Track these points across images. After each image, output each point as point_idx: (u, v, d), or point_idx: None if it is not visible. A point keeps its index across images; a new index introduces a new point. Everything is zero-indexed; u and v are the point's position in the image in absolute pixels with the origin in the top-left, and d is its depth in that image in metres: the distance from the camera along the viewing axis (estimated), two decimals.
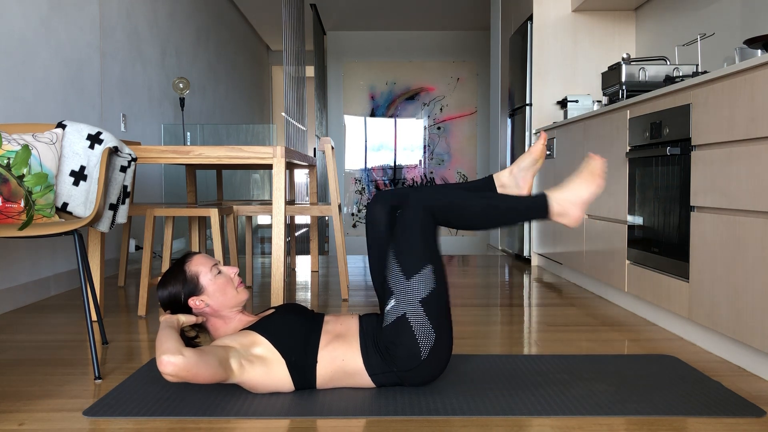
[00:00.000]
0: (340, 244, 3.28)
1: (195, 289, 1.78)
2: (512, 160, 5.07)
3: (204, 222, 3.69)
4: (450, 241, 9.05)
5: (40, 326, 2.63)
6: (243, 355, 1.67)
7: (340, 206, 3.41)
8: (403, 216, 1.75)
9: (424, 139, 9.11)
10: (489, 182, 1.95)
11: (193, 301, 1.77)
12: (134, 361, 2.10)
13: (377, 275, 1.91)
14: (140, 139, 4.59)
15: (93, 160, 2.39)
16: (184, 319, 1.77)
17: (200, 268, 1.80)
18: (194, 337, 1.82)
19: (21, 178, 2.18)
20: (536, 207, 1.75)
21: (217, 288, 1.79)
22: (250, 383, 1.68)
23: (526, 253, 4.66)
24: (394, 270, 1.73)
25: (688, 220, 2.30)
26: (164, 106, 5.08)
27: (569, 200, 1.75)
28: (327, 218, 8.62)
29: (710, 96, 2.14)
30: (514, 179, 1.94)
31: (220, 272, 1.82)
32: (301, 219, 11.70)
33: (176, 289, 1.78)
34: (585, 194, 1.76)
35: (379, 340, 1.73)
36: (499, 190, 1.94)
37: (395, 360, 1.70)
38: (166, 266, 2.96)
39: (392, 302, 1.72)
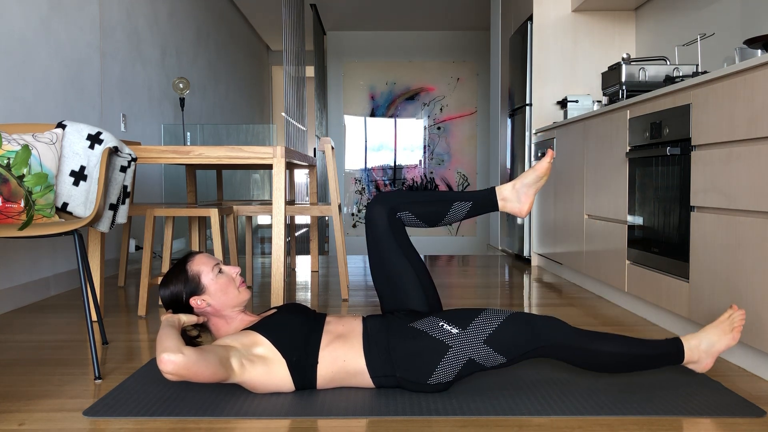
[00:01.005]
0: (340, 244, 3.28)
1: (197, 288, 1.78)
2: (512, 160, 5.07)
3: (204, 222, 3.69)
4: (450, 241, 9.05)
5: (40, 326, 2.63)
6: (244, 355, 1.67)
7: (340, 206, 3.41)
8: (543, 325, 1.69)
9: (424, 139, 9.11)
10: (491, 194, 1.94)
11: (194, 301, 1.77)
12: (134, 361, 2.10)
13: (378, 275, 1.91)
14: (140, 139, 4.59)
15: (93, 160, 2.39)
16: (186, 318, 1.77)
17: (202, 267, 1.80)
18: (196, 336, 1.82)
19: (21, 178, 2.18)
20: (671, 355, 1.73)
21: (219, 288, 1.79)
22: (250, 383, 1.68)
23: (526, 253, 4.66)
24: (488, 325, 1.68)
25: (688, 220, 2.30)
26: (164, 106, 5.08)
27: (703, 350, 1.75)
28: (327, 218, 8.62)
29: (710, 96, 2.14)
30: (516, 194, 1.94)
31: (221, 272, 1.82)
32: (301, 219, 11.70)
33: (178, 289, 1.78)
34: (720, 346, 1.76)
35: (387, 337, 1.72)
36: (500, 204, 1.93)
37: (400, 363, 1.70)
38: (166, 266, 2.96)
39: (454, 331, 1.69)
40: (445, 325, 1.70)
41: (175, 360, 1.53)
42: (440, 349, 1.67)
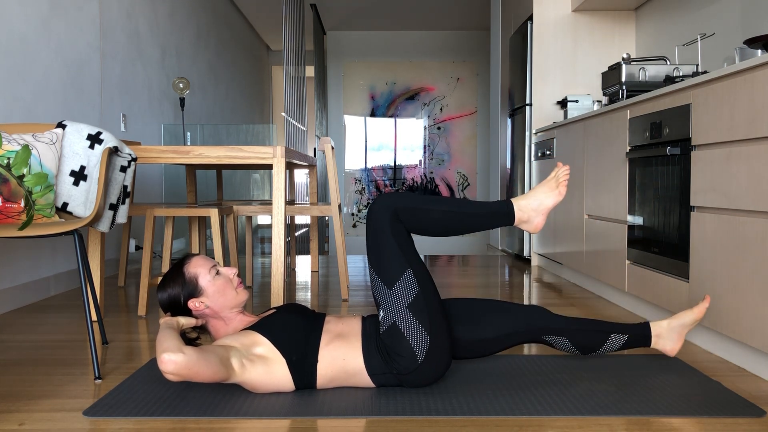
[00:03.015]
0: (340, 244, 3.28)
1: (194, 290, 1.78)
2: (512, 161, 5.07)
3: (204, 222, 3.69)
4: (450, 241, 9.05)
5: (40, 326, 2.63)
6: (244, 355, 1.67)
7: (340, 206, 3.41)
8: (371, 223, 1.76)
9: (424, 139, 9.11)
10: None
11: (192, 303, 1.77)
12: (134, 361, 2.10)
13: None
14: (140, 139, 4.59)
15: (93, 160, 2.39)
16: (184, 321, 1.77)
17: (199, 269, 1.80)
18: (195, 338, 1.82)
19: (21, 178, 2.18)
20: (500, 213, 1.78)
21: (217, 289, 1.79)
22: (250, 383, 1.68)
23: (526, 253, 4.66)
24: (375, 281, 1.76)
25: (688, 220, 2.30)
26: (164, 106, 5.08)
27: (532, 208, 1.80)
28: (327, 218, 8.62)
29: (710, 96, 2.14)
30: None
31: (219, 273, 1.82)
32: (301, 219, 11.70)
33: (175, 291, 1.78)
34: (548, 202, 1.80)
35: (380, 343, 1.74)
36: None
37: (395, 364, 1.71)
38: (166, 266, 2.96)
39: (381, 313, 1.74)
40: (379, 317, 1.75)
41: (175, 360, 1.53)
42: (395, 331, 1.70)
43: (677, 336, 1.97)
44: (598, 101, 4.04)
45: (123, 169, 2.50)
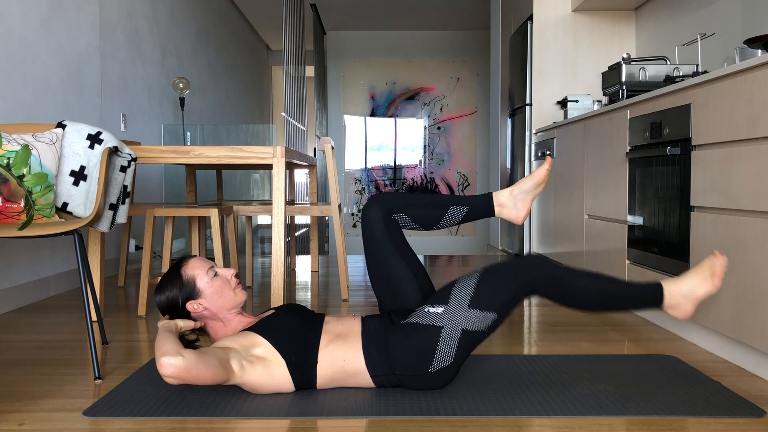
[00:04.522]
0: (340, 244, 3.28)
1: (192, 292, 1.78)
2: (512, 161, 5.07)
3: (204, 222, 3.69)
4: (450, 241, 9.05)
5: (40, 326, 2.63)
6: (243, 356, 1.67)
7: (340, 206, 3.41)
8: (516, 265, 1.71)
9: (424, 139, 9.11)
10: (488, 200, 1.93)
11: (191, 305, 1.77)
12: (134, 361, 2.10)
13: (375, 276, 1.91)
14: (140, 139, 4.59)
15: (93, 160, 2.39)
16: (182, 324, 1.77)
17: (196, 271, 1.80)
18: (194, 340, 1.81)
19: (21, 178, 2.18)
20: (650, 297, 1.73)
21: (215, 291, 1.79)
22: (250, 384, 1.68)
23: (526, 253, 4.65)
24: (466, 289, 1.70)
25: (688, 220, 2.30)
26: (164, 106, 5.08)
27: (684, 295, 1.74)
28: (327, 218, 8.62)
29: (710, 96, 2.14)
30: (513, 200, 1.93)
31: (216, 275, 1.82)
32: (301, 219, 11.70)
33: (173, 294, 1.78)
34: (701, 292, 1.74)
35: (386, 336, 1.72)
36: (497, 209, 1.92)
37: (399, 360, 1.70)
38: (166, 266, 2.96)
39: (440, 309, 1.70)
40: (430, 308, 1.72)
41: (175, 363, 1.53)
42: (434, 332, 1.68)
43: (521, 203, 1.93)
44: (598, 101, 4.04)
45: (123, 169, 2.50)
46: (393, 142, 9.10)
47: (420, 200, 1.90)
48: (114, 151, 2.45)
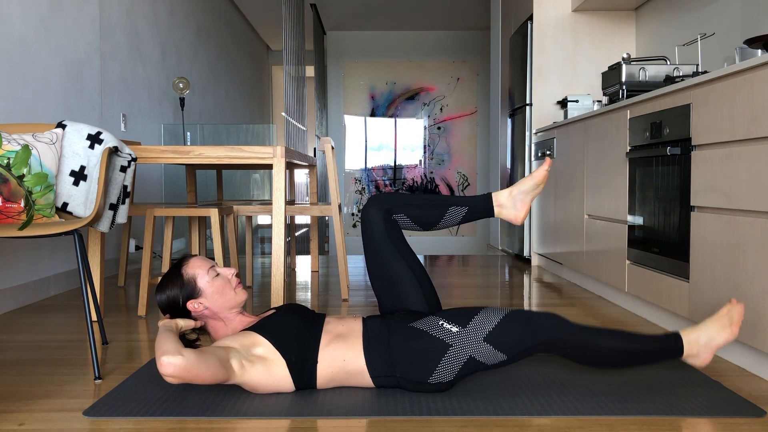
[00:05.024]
0: (340, 244, 3.28)
1: (193, 292, 1.78)
2: (512, 160, 5.07)
3: (204, 222, 3.69)
4: (450, 241, 9.05)
5: (40, 326, 2.63)
6: (244, 356, 1.67)
7: (340, 206, 3.41)
8: (541, 322, 1.69)
9: (424, 139, 9.11)
10: (487, 200, 1.93)
11: (191, 305, 1.77)
12: (134, 361, 2.10)
13: (375, 277, 1.91)
14: (140, 139, 4.59)
15: (93, 160, 2.39)
16: (183, 323, 1.77)
17: (197, 270, 1.80)
18: (195, 340, 1.81)
19: (21, 178, 2.18)
20: (670, 349, 1.73)
21: (215, 290, 1.79)
22: (250, 383, 1.68)
23: (526, 253, 4.66)
24: (487, 322, 1.69)
25: (688, 220, 2.30)
26: (164, 106, 5.08)
27: (703, 344, 1.74)
28: (327, 218, 8.62)
29: (710, 96, 2.14)
30: (513, 200, 1.94)
31: (217, 274, 1.82)
32: (301, 219, 11.70)
33: (174, 293, 1.78)
34: (720, 340, 1.75)
35: (388, 337, 1.72)
36: (496, 210, 1.93)
37: (400, 363, 1.70)
38: (166, 266, 2.96)
39: (454, 329, 1.69)
40: (445, 323, 1.71)
41: (175, 362, 1.53)
42: (441, 348, 1.67)
43: (521, 204, 1.93)
44: (598, 101, 4.04)
45: (123, 169, 2.50)
46: (393, 142, 9.10)
47: (419, 200, 1.91)
48: (114, 151, 2.45)
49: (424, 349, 1.68)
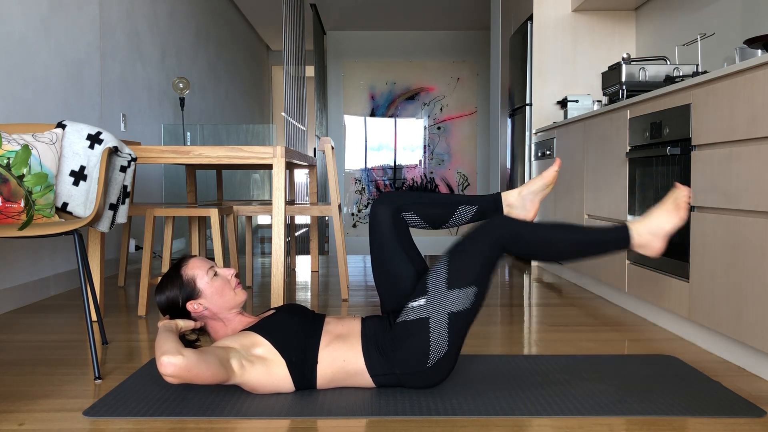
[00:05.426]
0: (340, 244, 3.28)
1: (192, 292, 1.78)
2: (512, 160, 5.07)
3: (204, 222, 3.69)
4: (450, 240, 9.05)
5: (40, 326, 2.63)
6: (243, 356, 1.67)
7: (340, 206, 3.41)
8: (477, 232, 1.71)
9: (424, 139, 9.11)
10: (496, 200, 1.93)
11: (191, 305, 1.77)
12: (134, 361, 2.10)
13: (379, 274, 1.90)
14: (140, 139, 4.59)
15: (93, 160, 2.39)
16: (183, 324, 1.77)
17: (196, 271, 1.80)
18: (195, 340, 1.81)
19: (21, 178, 2.18)
20: (618, 240, 1.73)
21: (215, 291, 1.79)
22: (250, 384, 1.68)
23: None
24: (439, 273, 1.71)
25: (688, 220, 2.30)
26: (164, 106, 5.08)
27: (651, 232, 1.74)
28: (327, 218, 8.62)
29: (710, 96, 2.14)
30: (522, 201, 1.93)
31: (216, 274, 1.82)
32: (301, 219, 11.70)
33: (174, 294, 1.78)
34: (668, 226, 1.74)
35: (384, 337, 1.73)
36: (506, 210, 1.93)
37: (397, 361, 1.70)
38: (166, 266, 2.96)
39: (421, 301, 1.70)
40: (412, 303, 1.72)
41: (175, 362, 1.53)
42: (422, 325, 1.68)
43: (530, 204, 1.93)
44: (598, 101, 4.04)
45: (123, 169, 2.50)
46: (393, 142, 9.10)
47: (429, 199, 1.90)
48: (114, 151, 2.45)
49: (412, 338, 1.69)
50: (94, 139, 2.40)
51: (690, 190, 1.74)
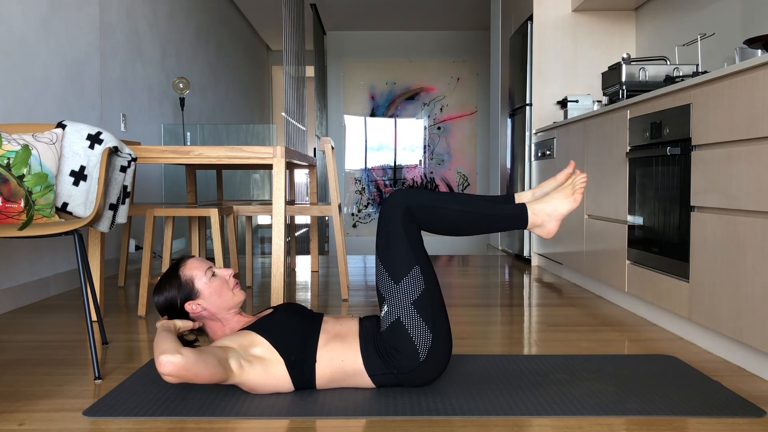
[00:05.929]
0: (340, 244, 3.28)
1: (191, 293, 1.78)
2: (512, 161, 5.07)
3: (204, 222, 3.69)
4: (450, 241, 9.05)
5: (40, 326, 2.63)
6: (242, 356, 1.67)
7: (340, 206, 3.41)
8: (383, 218, 1.76)
9: (424, 139, 9.10)
10: (509, 200, 1.93)
11: (189, 306, 1.77)
12: (134, 361, 2.10)
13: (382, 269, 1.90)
14: (140, 139, 4.59)
15: (93, 160, 2.39)
16: (181, 324, 1.77)
17: (195, 272, 1.80)
18: (193, 341, 1.81)
19: (21, 178, 2.18)
20: (514, 217, 1.76)
21: (213, 291, 1.79)
22: (249, 383, 1.68)
23: (526, 253, 4.66)
24: (382, 276, 1.75)
25: (688, 220, 2.30)
26: (164, 106, 5.08)
27: (547, 213, 1.77)
28: (327, 218, 8.62)
29: (710, 96, 2.14)
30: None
31: (215, 275, 1.82)
32: (301, 219, 11.70)
33: (172, 294, 1.78)
34: (563, 209, 1.78)
35: (379, 343, 1.74)
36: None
37: (395, 363, 1.71)
38: (166, 266, 2.96)
39: (385, 308, 1.74)
40: (381, 314, 1.76)
41: (174, 361, 1.53)
42: (398, 327, 1.70)
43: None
44: (598, 101, 4.04)
45: (123, 169, 2.50)
46: (393, 142, 9.10)
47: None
48: (114, 151, 2.45)
49: (395, 342, 1.71)
50: (94, 139, 2.40)
51: (586, 176, 1.81)
